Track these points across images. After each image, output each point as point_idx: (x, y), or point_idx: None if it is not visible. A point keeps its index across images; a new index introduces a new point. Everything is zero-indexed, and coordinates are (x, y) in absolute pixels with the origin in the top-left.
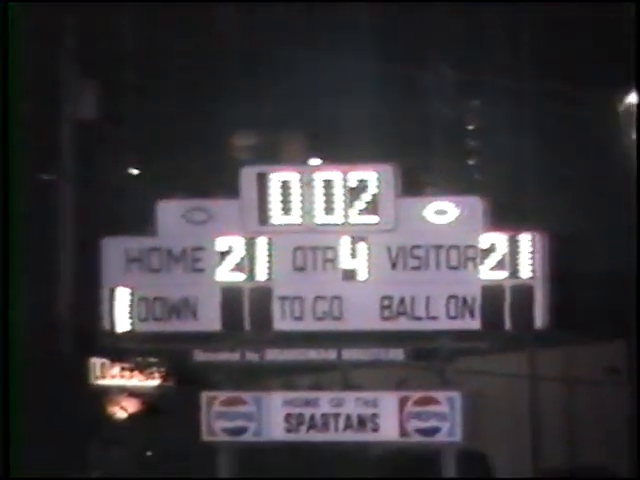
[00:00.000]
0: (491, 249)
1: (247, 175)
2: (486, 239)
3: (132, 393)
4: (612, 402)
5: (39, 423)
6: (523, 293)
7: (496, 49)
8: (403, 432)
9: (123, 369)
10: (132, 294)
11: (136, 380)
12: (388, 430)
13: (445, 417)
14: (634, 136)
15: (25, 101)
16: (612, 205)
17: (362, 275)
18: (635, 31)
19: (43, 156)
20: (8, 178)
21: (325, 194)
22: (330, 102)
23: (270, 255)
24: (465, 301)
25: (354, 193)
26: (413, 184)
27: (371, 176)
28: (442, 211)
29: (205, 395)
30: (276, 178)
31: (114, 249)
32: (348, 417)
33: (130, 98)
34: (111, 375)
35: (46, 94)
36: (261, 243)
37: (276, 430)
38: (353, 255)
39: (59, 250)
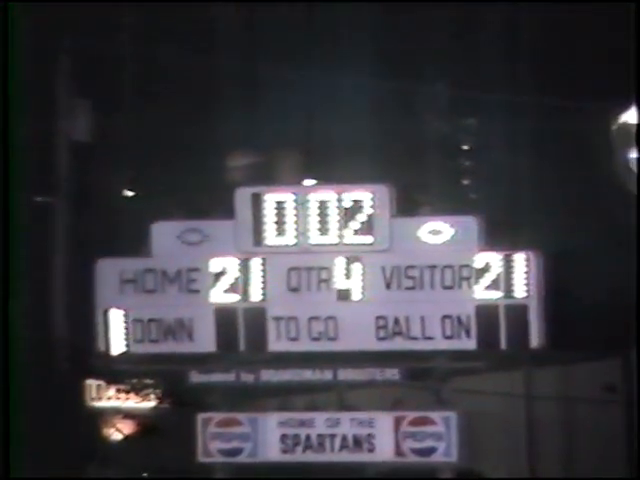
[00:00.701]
0: (486, 269)
1: (242, 195)
2: (481, 259)
3: (128, 414)
4: (609, 420)
5: (35, 444)
6: (518, 312)
7: (492, 66)
8: (399, 452)
9: (119, 391)
10: (126, 315)
11: (132, 402)
12: (384, 450)
13: (441, 437)
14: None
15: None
16: (609, 223)
17: (357, 295)
18: (635, 31)
19: (38, 177)
20: (7, 200)
21: (320, 214)
22: (324, 122)
23: (264, 276)
24: (460, 321)
25: (349, 213)
26: (408, 204)
27: (366, 196)
28: (437, 231)
29: (201, 416)
30: (271, 199)
31: (109, 270)
32: (344, 437)
33: (125, 118)
34: (107, 397)
35: (41, 114)
36: (255, 264)
37: (272, 451)
38: (348, 275)
39: (54, 271)
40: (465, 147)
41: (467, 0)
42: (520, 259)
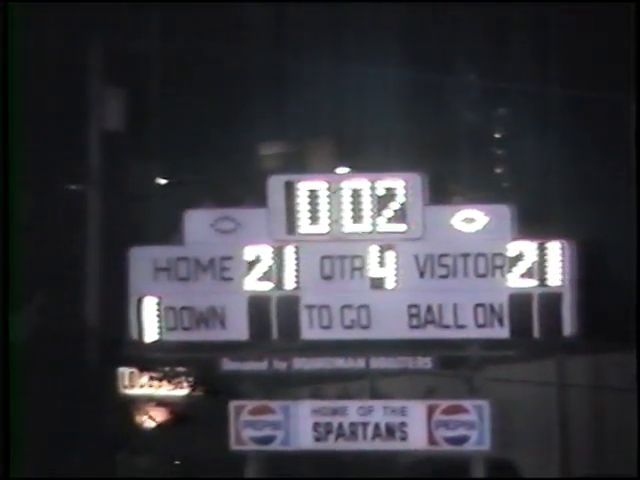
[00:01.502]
0: (519, 257)
1: (275, 184)
2: (514, 247)
3: (160, 402)
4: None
5: (69, 432)
6: (552, 301)
7: (523, 56)
8: (431, 441)
9: (151, 378)
10: (159, 303)
11: (164, 389)
12: (416, 439)
13: (473, 426)
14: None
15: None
16: None
17: (390, 284)
18: (635, 31)
19: (71, 165)
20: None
21: (353, 203)
22: (358, 110)
23: (298, 264)
24: (493, 309)
25: (382, 202)
26: (441, 192)
27: (399, 184)
28: (470, 219)
29: (233, 404)
30: (304, 187)
31: (142, 258)
32: (376, 426)
33: (158, 107)
34: (140, 384)
35: (74, 102)
36: (289, 252)
37: (304, 439)
38: (381, 264)
39: (87, 259)
40: (498, 136)
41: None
42: (555, 247)
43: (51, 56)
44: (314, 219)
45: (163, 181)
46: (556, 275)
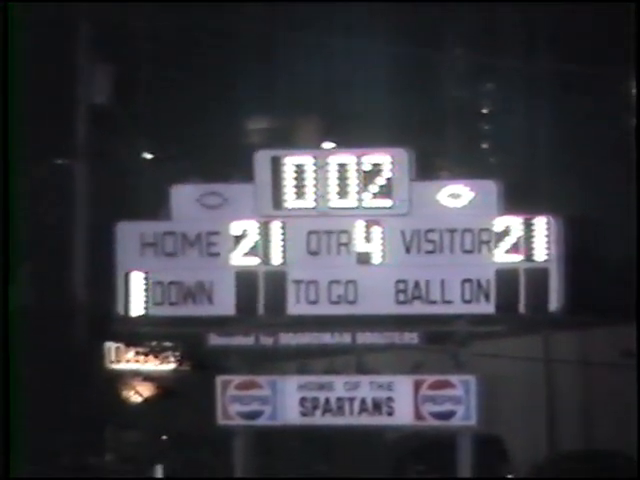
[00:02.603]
0: (506, 232)
1: (261, 159)
2: (501, 222)
3: (147, 377)
4: (628, 385)
5: (53, 408)
6: (538, 276)
7: (509, 32)
8: (418, 416)
9: (138, 353)
10: (147, 278)
11: (151, 364)
12: (403, 414)
13: (460, 400)
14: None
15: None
16: (628, 187)
17: (376, 259)
18: (635, 31)
19: (58, 140)
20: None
21: (339, 178)
22: (344, 86)
23: (284, 239)
24: (480, 285)
25: (368, 177)
26: (427, 168)
27: (385, 160)
28: (456, 195)
29: (220, 379)
30: (290, 162)
31: (129, 233)
32: (363, 401)
33: (145, 82)
34: (126, 359)
35: (61, 78)
36: (275, 227)
37: (291, 414)
38: (367, 239)
39: (74, 234)
40: (485, 111)
41: None
42: (541, 223)
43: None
44: (300, 194)
45: (150, 156)
46: (542, 250)
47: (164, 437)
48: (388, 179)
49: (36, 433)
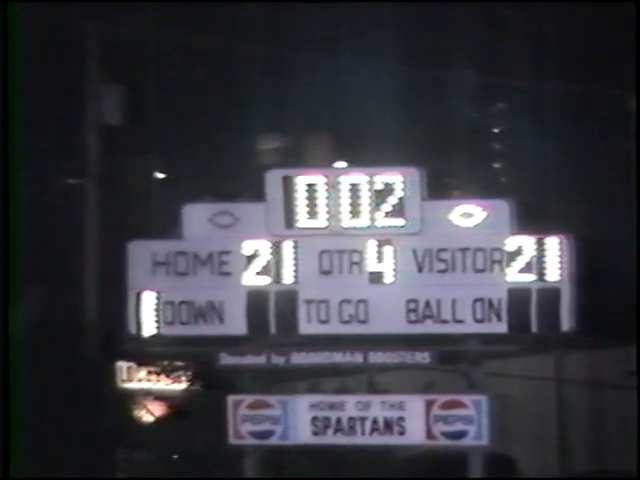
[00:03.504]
0: (518, 252)
1: (273, 178)
2: (513, 242)
3: (158, 397)
4: (634, 405)
5: (65, 428)
6: (550, 296)
7: (520, 51)
8: (430, 435)
9: (149, 373)
10: (158, 298)
11: (162, 384)
12: (414, 433)
13: (472, 420)
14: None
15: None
16: None
17: (388, 278)
18: (635, 31)
19: (69, 159)
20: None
21: (351, 197)
22: (355, 105)
23: (296, 258)
24: (491, 304)
25: (380, 196)
26: (439, 187)
27: (397, 179)
28: (468, 214)
29: (231, 399)
30: (302, 181)
31: (140, 253)
32: (374, 420)
33: (156, 101)
34: (137, 379)
35: (71, 97)
36: (287, 247)
37: (302, 433)
38: (379, 258)
39: (85, 254)
40: (496, 130)
41: None
42: (553, 243)
43: (49, 50)
44: (312, 214)
45: (161, 175)
46: (554, 270)
47: (175, 456)
48: (400, 198)
49: (46, 453)
